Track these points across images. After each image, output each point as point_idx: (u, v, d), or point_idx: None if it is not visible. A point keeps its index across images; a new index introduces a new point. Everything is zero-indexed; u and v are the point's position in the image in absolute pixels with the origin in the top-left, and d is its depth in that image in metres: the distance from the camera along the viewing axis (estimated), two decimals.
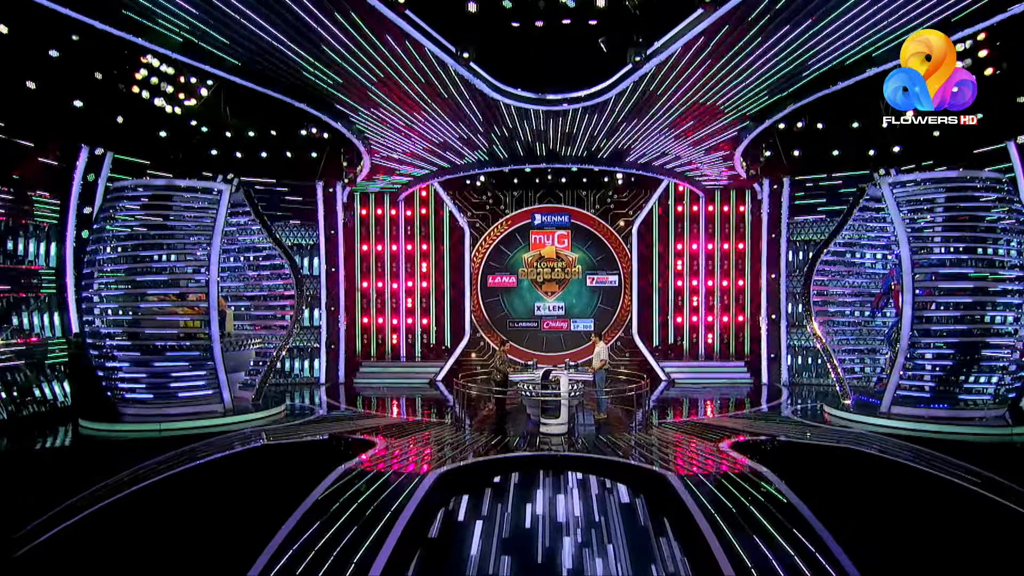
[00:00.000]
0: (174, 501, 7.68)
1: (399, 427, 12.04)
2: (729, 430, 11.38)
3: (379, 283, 20.74)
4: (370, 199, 20.65)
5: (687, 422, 12.69)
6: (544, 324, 21.02)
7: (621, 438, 10.67)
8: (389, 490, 7.74)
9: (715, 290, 20.23)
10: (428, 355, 20.60)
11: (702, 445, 10.09)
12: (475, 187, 20.79)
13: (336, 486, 7.88)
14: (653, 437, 10.94)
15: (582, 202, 21.10)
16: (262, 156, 17.52)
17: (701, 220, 20.35)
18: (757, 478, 8.11)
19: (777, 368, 18.31)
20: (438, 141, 16.28)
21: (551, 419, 10.97)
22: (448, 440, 10.83)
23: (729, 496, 7.47)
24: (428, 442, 10.69)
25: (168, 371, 12.02)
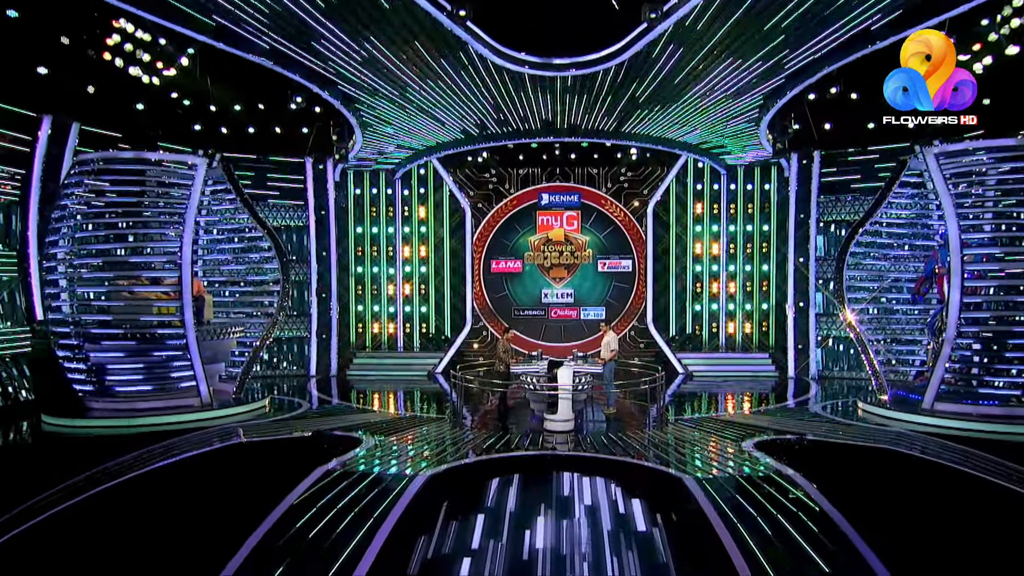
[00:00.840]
0: (136, 505, 7.41)
1: (391, 423, 11.73)
2: (753, 428, 10.97)
3: (374, 268, 20.45)
4: (364, 178, 20.28)
5: (706, 419, 12.33)
6: (551, 312, 20.72)
7: (633, 436, 10.32)
8: (373, 494, 7.39)
9: (737, 276, 19.81)
10: (427, 345, 20.33)
11: (723, 444, 9.73)
12: (477, 164, 20.41)
13: (313, 490, 7.53)
14: (669, 435, 10.55)
15: (593, 180, 20.73)
16: (248, 131, 17.13)
17: (722, 199, 19.87)
18: (784, 482, 7.70)
19: (805, 360, 17.89)
20: (435, 112, 15.78)
21: (555, 415, 10.63)
22: (443, 438, 10.49)
23: (753, 502, 7.07)
24: (421, 440, 10.33)
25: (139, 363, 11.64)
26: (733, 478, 7.87)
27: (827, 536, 6.23)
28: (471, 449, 9.55)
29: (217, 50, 12.47)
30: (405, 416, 12.90)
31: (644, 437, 10.29)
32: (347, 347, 19.79)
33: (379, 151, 18.53)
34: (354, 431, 10.60)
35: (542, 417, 11.14)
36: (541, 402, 11.58)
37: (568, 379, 10.67)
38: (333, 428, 10.94)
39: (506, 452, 9.26)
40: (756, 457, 8.90)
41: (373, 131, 16.82)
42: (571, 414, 10.79)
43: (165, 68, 14.73)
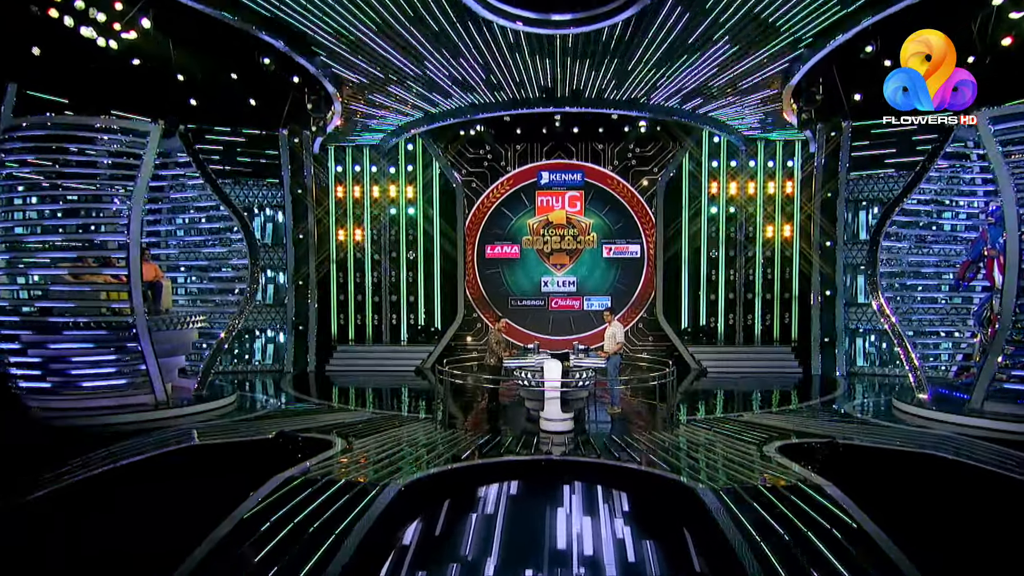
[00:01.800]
0: (64, 519, 6.88)
1: (369, 423, 11.22)
2: (776, 430, 10.46)
3: (358, 253, 19.89)
4: (346, 153, 19.77)
5: (722, 419, 11.86)
6: (552, 302, 20.36)
7: (640, 438, 9.83)
8: (336, 507, 6.85)
9: (756, 262, 19.32)
10: (415, 338, 19.93)
11: (742, 448, 9.20)
12: (470, 139, 19.97)
13: (267, 502, 6.99)
14: (680, 438, 10.03)
15: (598, 157, 20.29)
16: (218, 102, 16.52)
17: (741, 177, 19.34)
18: (815, 493, 7.13)
19: (831, 355, 17.43)
20: (421, 78, 15.12)
21: (553, 414, 10.18)
22: (425, 440, 9.97)
23: (779, 517, 6.52)
24: (400, 442, 9.79)
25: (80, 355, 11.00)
26: (755, 488, 7.26)
27: (867, 558, 5.64)
28: (456, 453, 9.02)
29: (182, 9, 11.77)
30: (386, 415, 12.41)
31: (652, 440, 9.82)
32: (327, 340, 19.35)
33: (361, 124, 17.95)
34: (326, 432, 10.14)
35: (538, 417, 10.72)
36: (537, 400, 11.12)
37: (556, 373, 10.20)
38: (302, 429, 10.48)
39: (495, 457, 8.78)
40: (781, 463, 8.32)
41: (353, 98, 16.16)
42: (561, 414, 10.30)
43: (124, 31, 14.12)
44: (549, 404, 10.24)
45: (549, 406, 10.25)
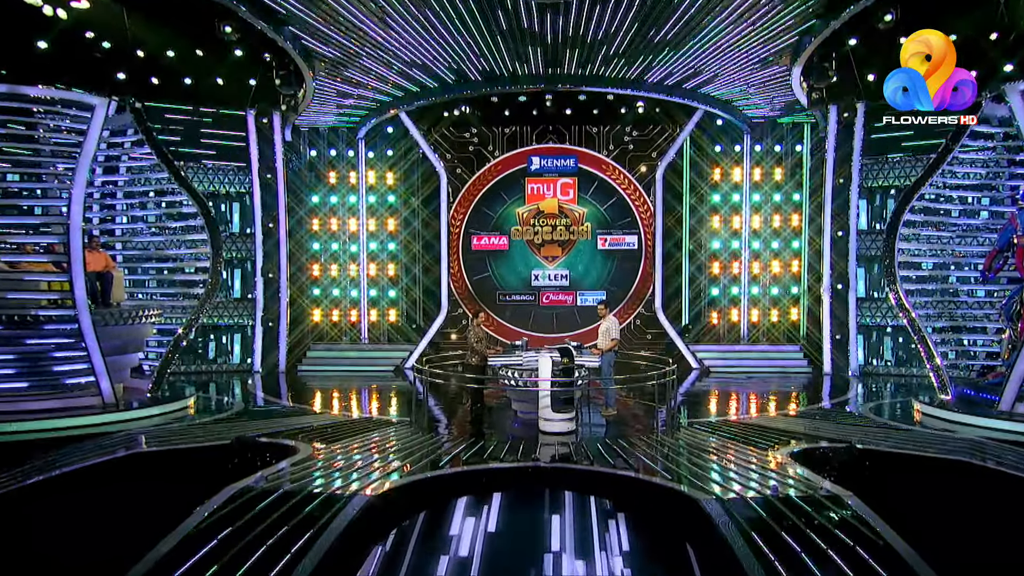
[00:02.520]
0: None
1: (340, 427, 10.77)
2: (786, 434, 10.08)
3: (334, 244, 19.55)
4: (321, 137, 19.30)
5: (727, 422, 11.53)
6: (543, 297, 20.09)
7: (637, 443, 9.41)
8: (295, 521, 6.37)
9: (762, 254, 19.04)
10: (395, 336, 19.61)
11: (750, 454, 8.78)
12: (455, 121, 19.56)
13: (216, 516, 6.46)
14: (682, 442, 9.61)
15: (592, 141, 19.99)
16: (181, 80, 16.19)
17: (745, 163, 19.03)
18: (834, 504, 6.67)
19: (843, 353, 17.14)
20: (401, 53, 14.61)
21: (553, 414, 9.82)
22: (401, 446, 9.51)
23: (794, 532, 6.06)
24: (372, 448, 9.32)
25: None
26: (765, 499, 6.80)
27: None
28: (433, 460, 8.57)
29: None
30: (359, 419, 12.00)
31: (651, 445, 9.40)
32: (301, 337, 18.91)
33: (336, 103, 17.52)
34: (291, 437, 9.69)
35: (524, 420, 10.44)
36: (526, 401, 10.82)
37: (548, 368, 9.85)
38: (265, 433, 9.99)
39: (478, 464, 8.36)
40: (795, 471, 7.87)
41: (326, 75, 15.67)
42: (558, 413, 9.90)
43: None
44: (545, 403, 9.90)
45: (543, 405, 9.91)
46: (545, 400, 9.82)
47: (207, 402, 13.19)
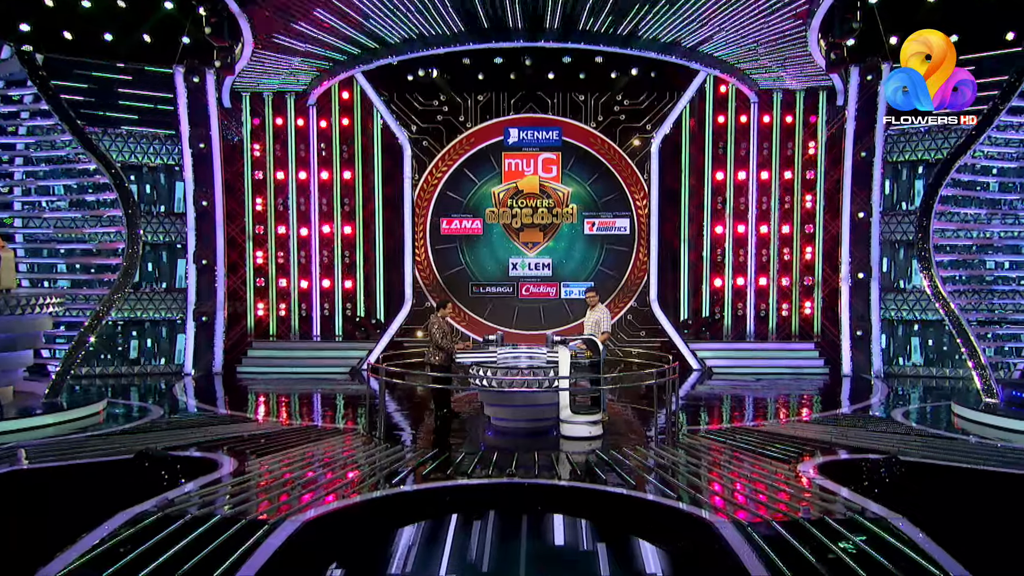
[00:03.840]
0: None
1: (277, 437, 9.97)
2: (809, 443, 9.48)
3: (281, 227, 18.74)
4: (265, 103, 18.49)
5: (737, 429, 10.89)
6: (522, 289, 19.54)
7: (633, 455, 8.77)
8: (203, 554, 5.60)
9: (771, 239, 18.53)
10: (352, 333, 18.90)
11: (769, 467, 8.14)
12: (421, 86, 18.81)
13: (100, 550, 5.59)
14: (685, 453, 8.96)
15: (578, 111, 19.41)
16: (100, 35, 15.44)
17: (752, 136, 18.46)
18: (878, 528, 6.06)
19: (865, 351, 16.75)
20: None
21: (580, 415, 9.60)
22: (349, 459, 8.84)
23: (831, 563, 5.38)
24: (313, 461, 8.56)
25: None
26: (794, 522, 6.08)
27: None
28: (388, 475, 7.83)
29: None
30: (301, 427, 11.27)
31: (650, 456, 8.75)
32: (241, 335, 18.20)
33: (282, 60, 16.70)
34: (213, 449, 8.96)
35: (499, 429, 10.10)
36: (502, 406, 10.29)
37: (567, 360, 9.62)
38: (182, 445, 9.23)
39: (442, 480, 7.72)
40: (825, 488, 7.17)
41: (267, 25, 14.91)
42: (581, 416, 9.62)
43: None
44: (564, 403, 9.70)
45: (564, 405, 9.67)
46: (564, 400, 9.58)
47: (118, 409, 12.41)
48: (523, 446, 9.18)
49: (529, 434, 10.05)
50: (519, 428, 10.21)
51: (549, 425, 10.25)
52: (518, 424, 10.24)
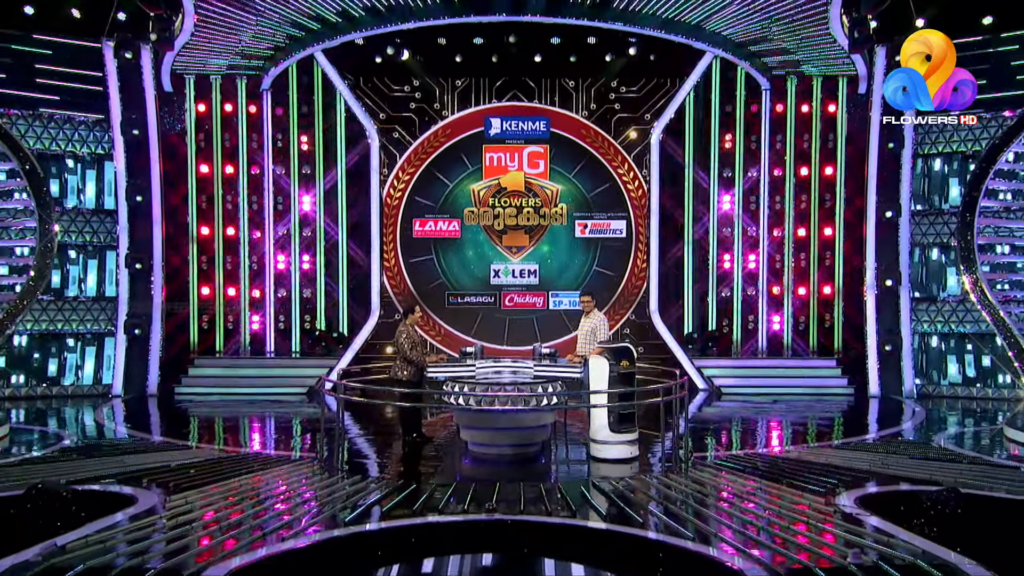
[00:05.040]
0: None
1: (212, 467, 9.24)
2: (845, 472, 8.83)
3: (229, 228, 18.28)
4: (213, 86, 18.07)
5: (756, 456, 10.32)
6: (506, 299, 19.44)
7: (636, 486, 8.25)
8: None
9: (786, 243, 18.29)
10: (312, 348, 18.52)
11: (802, 500, 7.43)
12: (391, 70, 18.80)
13: None
14: (697, 483, 8.27)
15: (568, 99, 19.53)
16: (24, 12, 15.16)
17: (764, 126, 18.31)
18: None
19: (895, 368, 16.56)
20: None
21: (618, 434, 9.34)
22: (297, 493, 7.99)
23: None
24: (253, 496, 7.79)
25: None
26: (845, 570, 5.38)
27: None
28: (342, 512, 7.13)
29: None
30: (242, 455, 10.48)
31: (658, 487, 8.12)
32: (182, 350, 17.71)
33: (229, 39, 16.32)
34: (132, 481, 8.20)
35: (477, 456, 9.72)
36: (479, 428, 9.86)
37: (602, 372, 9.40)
38: (94, 477, 8.39)
39: (409, 517, 7.09)
40: (872, 525, 6.48)
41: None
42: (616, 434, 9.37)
43: None
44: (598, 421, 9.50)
45: (597, 423, 9.49)
46: (601, 418, 9.41)
47: (29, 435, 11.87)
48: (506, 476, 8.63)
49: (513, 462, 9.59)
50: (501, 455, 9.75)
51: (536, 451, 9.84)
52: (500, 450, 9.78)
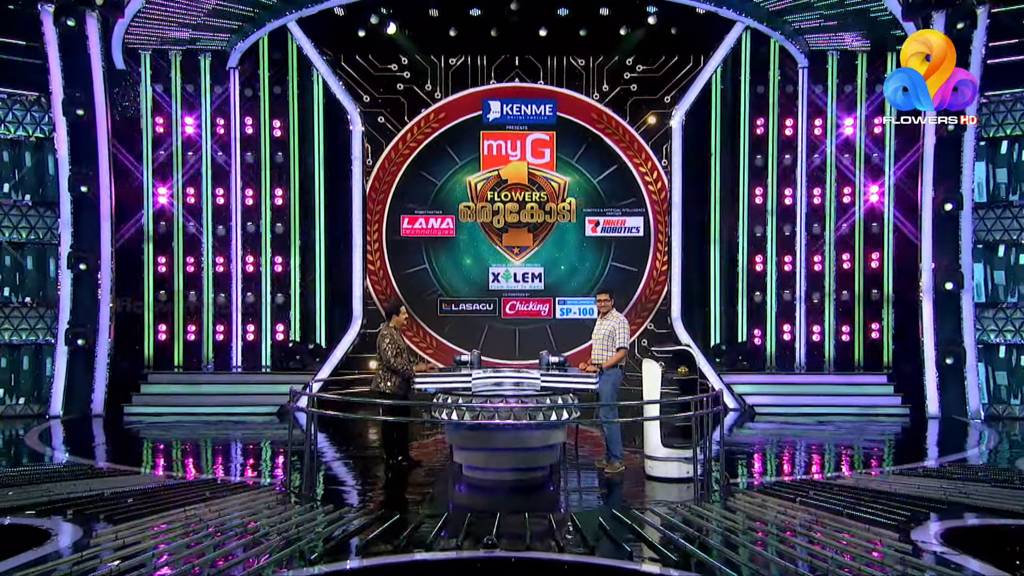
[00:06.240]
0: None
1: (155, 495, 8.83)
2: (915, 502, 8.35)
3: (190, 225, 18.04)
4: (172, 64, 17.87)
5: (803, 483, 9.86)
6: (506, 306, 19.10)
7: (662, 518, 7.79)
8: None
9: (827, 242, 18.00)
10: (284, 362, 18.22)
11: (867, 535, 6.91)
12: (376, 45, 18.51)
13: None
14: (741, 515, 7.71)
15: (577, 79, 19.21)
16: None
17: (801, 108, 18.00)
18: None
19: (957, 384, 16.16)
20: None
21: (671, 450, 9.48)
22: (252, 524, 7.42)
23: None
24: (200, 528, 7.21)
25: None
26: None
27: None
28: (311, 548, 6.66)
29: None
30: (193, 481, 10.07)
31: (690, 520, 7.62)
32: (135, 364, 17.44)
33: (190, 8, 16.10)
34: (57, 512, 7.79)
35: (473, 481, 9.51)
36: (474, 449, 9.58)
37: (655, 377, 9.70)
38: (7, 508, 7.94)
39: (388, 555, 6.70)
40: (972, 571, 6.00)
41: None
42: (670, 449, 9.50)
43: None
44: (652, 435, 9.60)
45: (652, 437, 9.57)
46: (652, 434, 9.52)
47: None
48: (508, 505, 8.29)
49: (516, 489, 9.22)
50: (501, 480, 9.39)
51: (543, 476, 9.50)
52: (500, 475, 9.44)
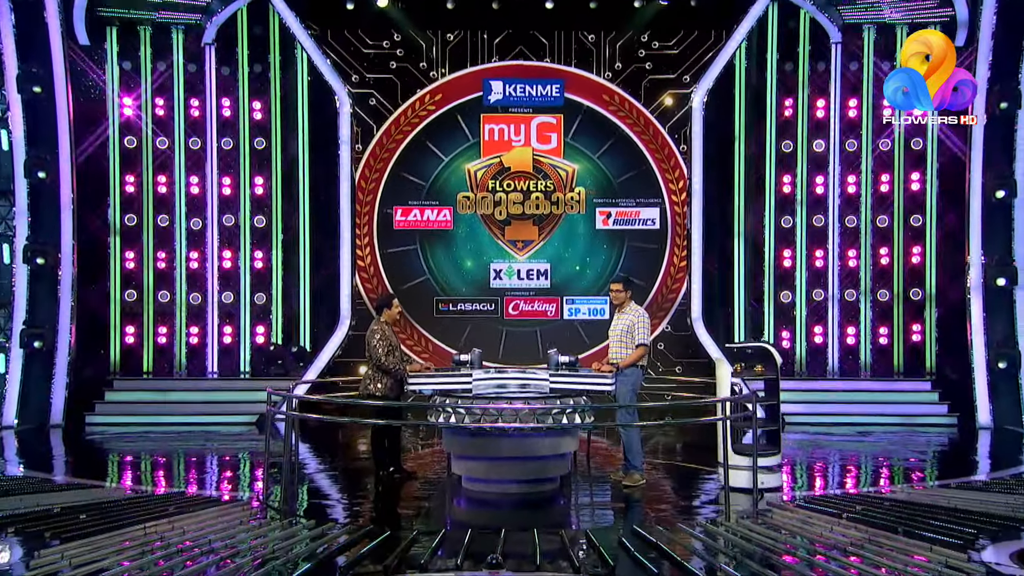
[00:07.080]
0: None
1: (112, 510, 8.58)
2: (976, 517, 8.13)
3: (161, 217, 17.90)
4: (141, 39, 17.75)
5: (849, 498, 9.64)
6: (509, 306, 19.09)
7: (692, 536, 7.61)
8: None
9: (862, 236, 17.92)
10: (265, 367, 18.19)
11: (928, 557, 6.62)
12: (367, 20, 18.52)
13: None
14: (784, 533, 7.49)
15: (587, 57, 19.27)
16: None
17: (835, 90, 17.95)
18: None
19: (1013, 391, 16.01)
20: None
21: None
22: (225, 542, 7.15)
23: None
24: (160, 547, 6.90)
25: None
26: None
27: None
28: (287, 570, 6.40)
29: None
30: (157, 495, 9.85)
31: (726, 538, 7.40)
32: (99, 369, 17.34)
33: None
34: None
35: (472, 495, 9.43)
36: (476, 458, 9.53)
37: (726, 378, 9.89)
38: None
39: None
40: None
41: None
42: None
43: None
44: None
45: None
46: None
47: None
48: (514, 521, 8.03)
49: (521, 503, 9.12)
50: (505, 494, 9.28)
51: (552, 490, 9.36)
52: (504, 487, 9.32)
